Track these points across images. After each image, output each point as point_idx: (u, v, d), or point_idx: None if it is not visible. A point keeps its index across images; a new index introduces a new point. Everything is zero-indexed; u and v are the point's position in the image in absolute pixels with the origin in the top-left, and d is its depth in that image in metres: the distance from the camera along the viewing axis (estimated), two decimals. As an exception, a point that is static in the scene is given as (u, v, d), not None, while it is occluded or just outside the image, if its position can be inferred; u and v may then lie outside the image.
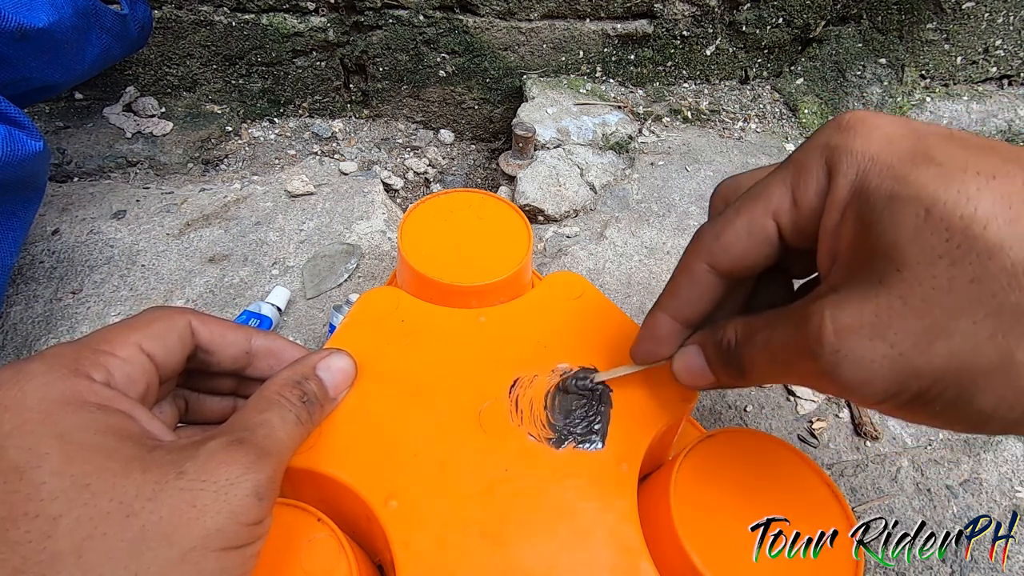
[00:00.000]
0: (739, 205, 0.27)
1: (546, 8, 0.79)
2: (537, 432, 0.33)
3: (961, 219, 0.19)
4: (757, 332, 0.26)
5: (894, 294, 0.20)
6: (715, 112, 0.90)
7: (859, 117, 0.24)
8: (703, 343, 0.29)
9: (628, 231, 0.69)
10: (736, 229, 0.26)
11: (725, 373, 0.28)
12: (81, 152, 0.73)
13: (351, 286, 0.60)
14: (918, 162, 0.21)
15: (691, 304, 0.29)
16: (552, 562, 0.28)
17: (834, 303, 0.22)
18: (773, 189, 0.25)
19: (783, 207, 0.25)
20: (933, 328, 0.20)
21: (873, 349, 0.21)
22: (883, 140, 0.22)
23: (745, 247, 0.26)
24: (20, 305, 0.55)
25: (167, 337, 0.28)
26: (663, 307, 0.30)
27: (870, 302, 0.21)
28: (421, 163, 0.86)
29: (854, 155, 0.23)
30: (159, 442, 0.23)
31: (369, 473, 0.30)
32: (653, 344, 0.31)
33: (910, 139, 0.22)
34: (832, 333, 0.21)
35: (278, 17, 0.77)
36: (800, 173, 0.25)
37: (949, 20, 0.86)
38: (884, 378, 0.21)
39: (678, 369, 0.31)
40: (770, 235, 0.26)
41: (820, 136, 0.24)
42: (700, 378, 0.30)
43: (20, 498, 0.20)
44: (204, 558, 0.21)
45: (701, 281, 0.28)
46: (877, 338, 0.20)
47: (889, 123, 0.23)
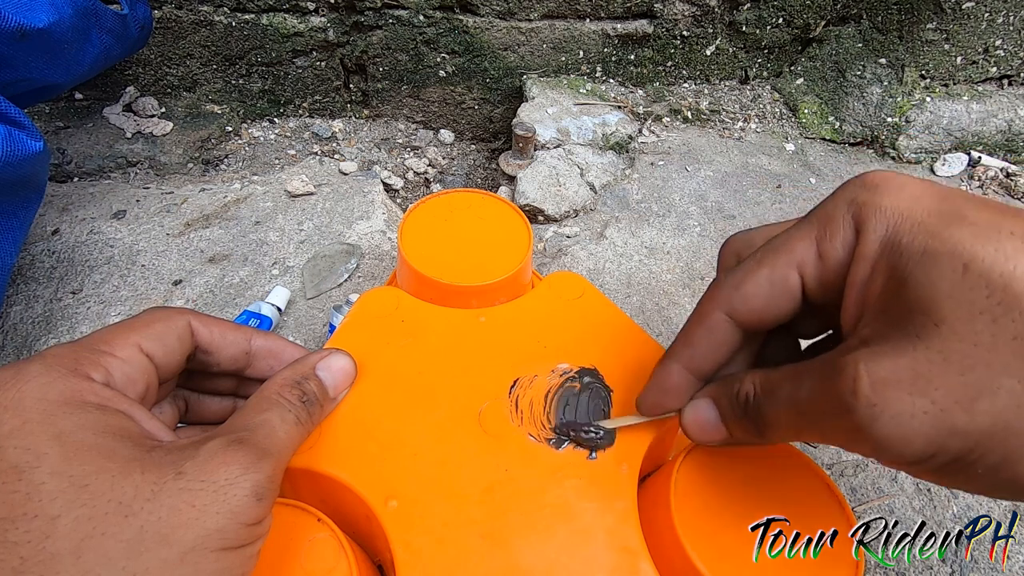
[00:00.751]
0: (761, 256, 0.26)
1: (546, 8, 0.79)
2: (537, 432, 0.33)
3: (1001, 276, 0.19)
4: (779, 385, 0.25)
5: (933, 348, 0.20)
6: (715, 112, 0.90)
7: (884, 176, 0.24)
8: (716, 396, 0.28)
9: (628, 231, 0.69)
10: (758, 280, 0.26)
11: (741, 428, 0.27)
12: (81, 152, 0.73)
13: (351, 286, 0.60)
14: (951, 220, 0.21)
15: (706, 355, 0.28)
16: (552, 562, 0.28)
17: (869, 356, 0.21)
18: (797, 242, 0.25)
19: (808, 260, 0.25)
20: (976, 385, 0.19)
21: (913, 404, 0.20)
22: (911, 198, 0.22)
23: (767, 298, 0.26)
24: (20, 305, 0.55)
25: (166, 337, 0.28)
26: (676, 357, 0.29)
27: (908, 356, 0.20)
28: (421, 163, 0.86)
29: (884, 211, 0.23)
30: (158, 442, 0.23)
31: (369, 473, 0.30)
32: (663, 396, 0.30)
33: (937, 198, 0.22)
34: (869, 386, 0.20)
35: (278, 17, 0.77)
36: (826, 226, 0.24)
37: (949, 20, 0.86)
38: (924, 435, 0.20)
39: (688, 423, 0.29)
40: (793, 288, 0.25)
41: (845, 192, 0.24)
42: (712, 433, 0.29)
43: (19, 498, 0.20)
44: (203, 558, 0.21)
45: (718, 331, 0.27)
46: (917, 394, 0.20)
47: (914, 182, 0.23)
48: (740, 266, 0.27)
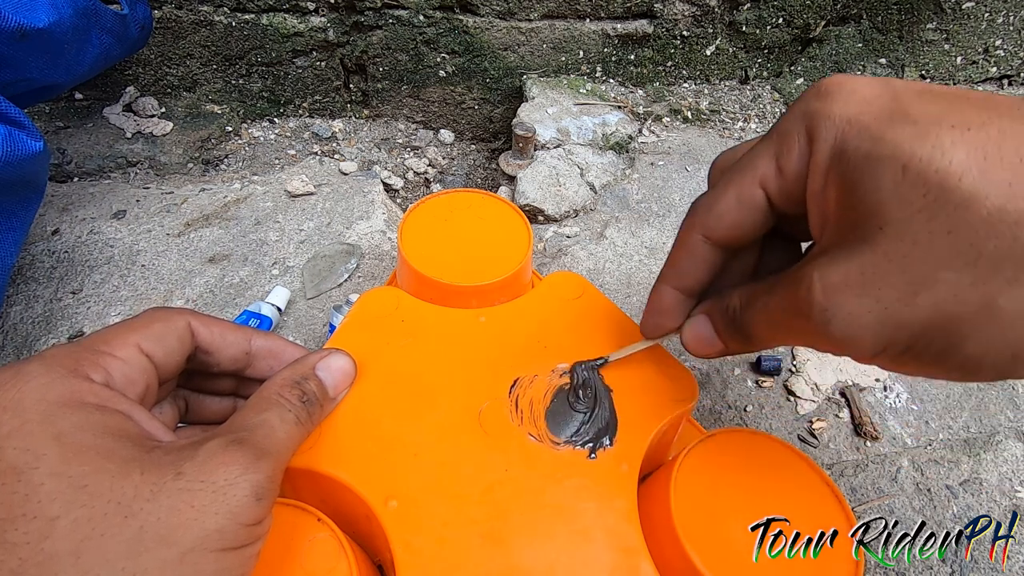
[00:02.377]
0: (729, 177, 0.27)
1: (546, 8, 0.79)
2: (537, 432, 0.33)
3: (936, 173, 0.20)
4: (757, 297, 0.27)
5: (878, 251, 0.21)
6: (715, 112, 0.90)
7: (837, 81, 0.24)
8: (710, 311, 0.30)
9: (628, 231, 0.69)
10: (727, 199, 0.27)
11: (732, 339, 0.29)
12: (81, 152, 0.73)
13: (351, 286, 0.60)
14: (894, 120, 0.21)
15: (690, 274, 0.30)
16: (552, 562, 0.28)
17: (823, 264, 0.22)
18: (759, 159, 0.26)
19: (769, 175, 0.26)
20: (916, 280, 0.20)
21: (860, 305, 0.21)
22: (860, 102, 0.23)
23: (736, 216, 0.27)
24: (20, 305, 0.55)
25: (166, 338, 0.28)
26: (665, 279, 0.31)
27: (855, 260, 0.21)
28: (421, 163, 0.86)
29: (832, 119, 0.23)
30: (158, 442, 0.23)
31: (369, 473, 0.30)
32: (660, 317, 0.32)
33: (886, 98, 0.22)
34: (820, 292, 0.22)
35: (278, 17, 0.77)
36: (783, 141, 0.25)
37: (949, 20, 0.86)
38: (873, 332, 0.21)
39: (687, 338, 0.31)
40: (759, 203, 0.27)
41: (800, 103, 0.25)
42: (709, 346, 0.30)
43: (18, 499, 0.20)
44: (203, 559, 0.21)
45: (697, 252, 0.29)
46: (864, 295, 0.21)
47: (866, 85, 0.23)
48: (712, 188, 0.28)
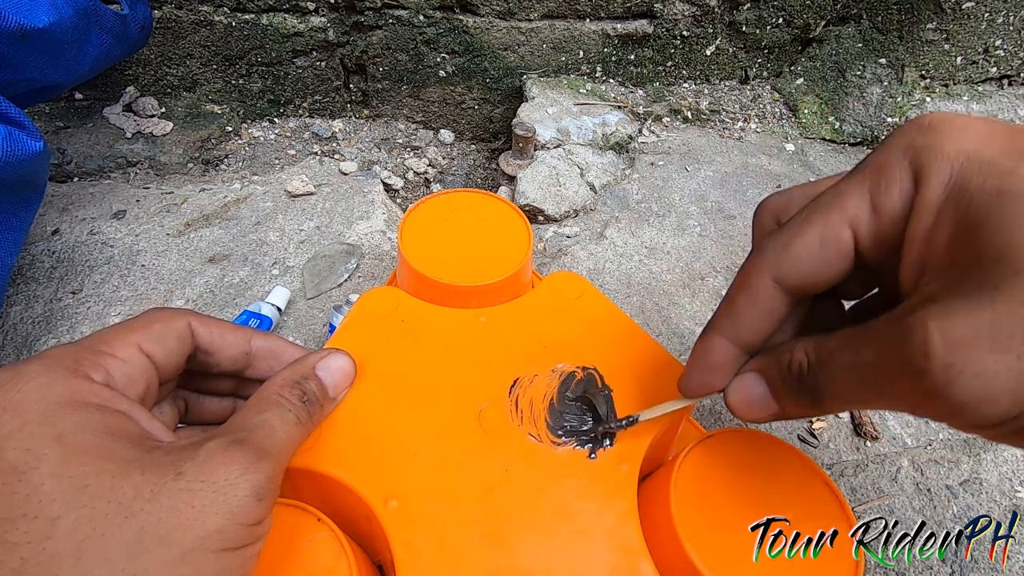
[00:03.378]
0: (808, 215, 0.24)
1: (546, 8, 0.79)
2: (537, 432, 0.33)
3: None
4: (836, 352, 0.23)
5: (1016, 299, 0.18)
6: (715, 112, 0.90)
7: (942, 117, 0.22)
8: (763, 369, 0.26)
9: (628, 231, 0.69)
10: (807, 240, 0.24)
11: (795, 402, 0.25)
12: (81, 152, 0.73)
13: (351, 286, 0.60)
14: None
15: (752, 325, 0.26)
16: (552, 562, 0.28)
17: (940, 314, 0.19)
18: (848, 197, 0.23)
19: (861, 215, 0.23)
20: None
21: (996, 362, 0.18)
22: (977, 136, 0.21)
23: (818, 260, 0.24)
24: (20, 305, 0.55)
25: (166, 338, 0.28)
26: (719, 329, 0.27)
27: (985, 310, 0.18)
28: (421, 163, 0.86)
29: (946, 154, 0.21)
30: (158, 443, 0.23)
31: (369, 473, 0.30)
32: (708, 373, 0.28)
33: (1005, 134, 0.20)
34: (943, 347, 0.19)
35: (278, 17, 0.77)
36: (881, 177, 0.22)
37: (949, 20, 0.86)
38: (1011, 392, 0.18)
39: (736, 401, 0.27)
40: (846, 246, 0.24)
41: (900, 138, 0.23)
42: (761, 410, 0.27)
43: (19, 499, 0.20)
44: (203, 559, 0.21)
45: (764, 298, 0.25)
46: (998, 350, 0.18)
47: (977, 121, 0.21)
48: (784, 227, 0.25)
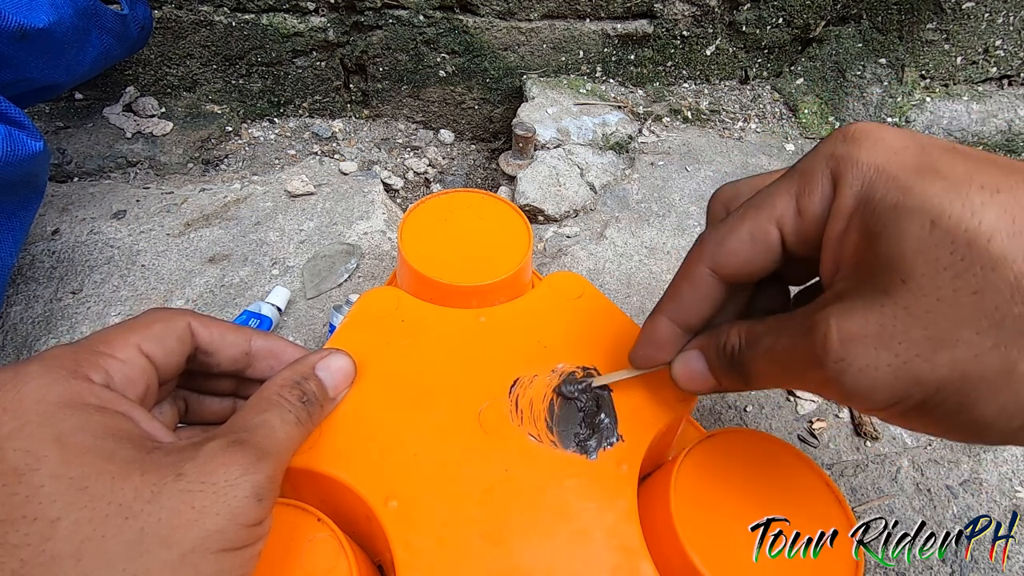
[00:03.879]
0: (743, 212, 0.27)
1: (546, 8, 0.79)
2: (537, 432, 0.33)
3: (966, 232, 0.19)
4: (761, 338, 0.26)
5: (899, 304, 0.21)
6: (715, 112, 0.90)
7: (864, 129, 0.24)
8: (704, 347, 0.30)
9: (628, 231, 0.69)
10: (740, 235, 0.27)
11: (727, 378, 0.28)
12: (81, 152, 0.73)
13: (351, 286, 0.60)
14: (923, 174, 0.21)
15: (692, 309, 0.29)
16: (552, 562, 0.28)
17: (839, 312, 0.22)
18: (778, 197, 0.26)
19: (787, 215, 0.25)
20: (937, 338, 0.20)
21: (878, 358, 0.21)
22: (888, 151, 0.23)
23: (748, 253, 0.27)
24: (20, 305, 0.55)
25: (166, 338, 0.28)
26: (664, 311, 0.30)
27: (875, 311, 0.21)
28: (421, 163, 0.86)
29: (860, 166, 0.23)
30: (158, 443, 0.23)
31: (369, 473, 0.30)
32: (653, 349, 0.31)
33: (914, 151, 0.22)
34: (838, 342, 0.22)
35: (278, 17, 0.77)
36: (805, 182, 0.25)
37: (949, 20, 0.86)
38: (888, 386, 0.21)
39: (678, 374, 0.31)
40: (773, 243, 0.26)
41: (825, 146, 0.25)
42: (701, 383, 0.30)
43: (18, 501, 0.20)
44: (203, 560, 0.21)
45: (703, 286, 0.28)
46: (882, 347, 0.21)
47: (894, 135, 0.23)
48: (723, 221, 0.28)
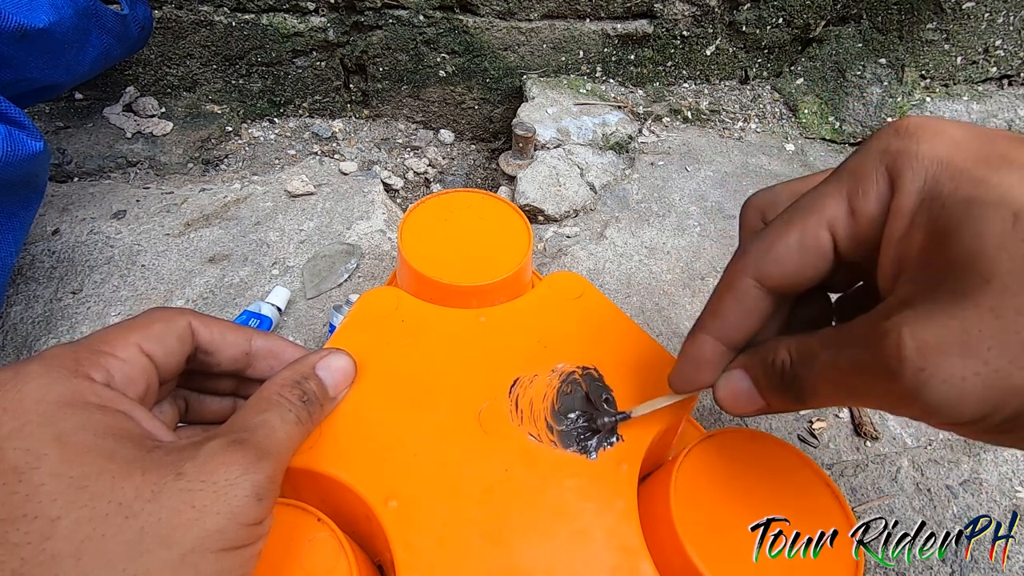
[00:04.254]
0: (789, 217, 0.25)
1: (546, 8, 0.79)
2: (537, 432, 0.33)
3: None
4: (818, 353, 0.24)
5: (983, 306, 0.19)
6: (715, 112, 0.90)
7: (919, 122, 0.22)
8: (749, 366, 0.27)
9: (628, 231, 0.69)
10: (788, 242, 0.25)
11: (779, 398, 0.26)
12: (81, 152, 0.73)
13: (351, 286, 0.60)
14: (996, 164, 0.20)
15: (738, 324, 0.27)
16: (552, 562, 0.28)
17: (913, 319, 0.20)
18: (827, 199, 0.24)
19: (839, 218, 0.24)
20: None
21: (964, 367, 0.19)
22: (950, 143, 0.21)
23: (798, 261, 0.25)
24: (20, 305, 0.55)
25: (167, 338, 0.28)
26: (706, 328, 0.28)
27: (956, 316, 0.19)
28: (421, 163, 0.86)
29: (920, 159, 0.21)
30: (159, 443, 0.23)
31: (369, 473, 0.30)
32: (696, 370, 0.29)
33: (978, 141, 0.21)
34: (915, 351, 0.19)
35: (278, 17, 0.77)
36: (858, 181, 0.23)
37: (949, 20, 0.86)
38: (979, 397, 0.19)
39: (723, 396, 0.28)
40: (825, 248, 0.24)
41: (878, 142, 0.23)
42: (748, 405, 0.28)
43: (19, 500, 0.20)
44: (203, 559, 0.21)
45: (748, 299, 0.26)
46: (968, 355, 0.19)
47: (953, 126, 0.22)
48: (767, 229, 0.26)
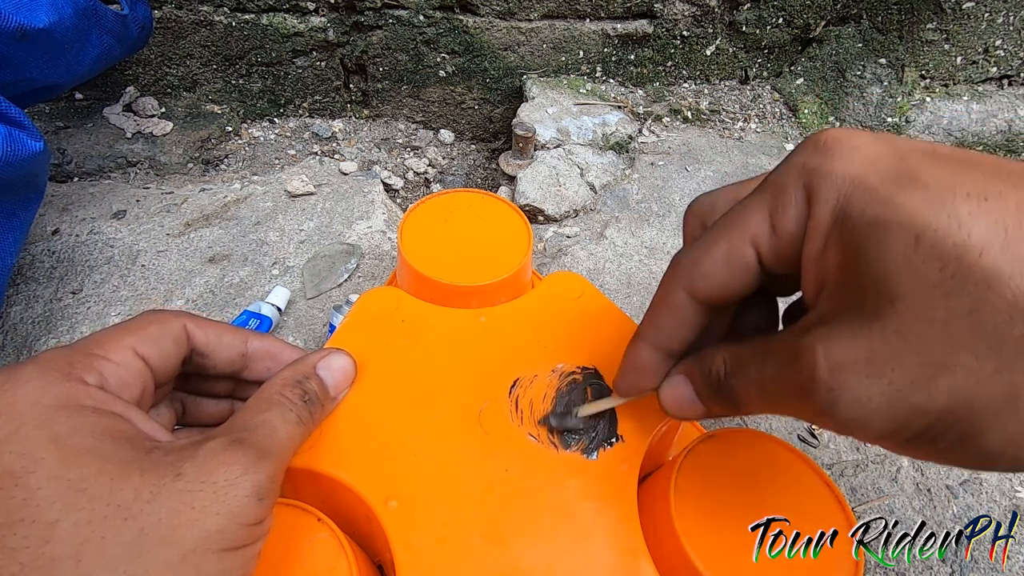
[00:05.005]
0: (716, 231, 0.25)
1: (546, 8, 0.79)
2: (537, 432, 0.33)
3: (954, 247, 0.18)
4: (747, 364, 0.24)
5: (888, 328, 0.19)
6: (715, 112, 0.90)
7: (836, 136, 0.22)
8: (690, 373, 0.28)
9: (628, 231, 0.69)
10: (714, 257, 0.25)
11: (716, 405, 0.27)
12: (81, 152, 0.73)
13: (351, 286, 0.60)
14: (903, 184, 0.20)
15: (673, 334, 0.28)
16: (552, 562, 0.28)
17: (825, 337, 0.21)
18: (750, 214, 0.24)
19: (762, 234, 0.24)
20: (933, 363, 0.18)
21: (870, 387, 0.19)
22: (863, 161, 0.21)
23: (725, 275, 0.25)
24: (20, 305, 0.55)
25: (162, 340, 0.27)
26: (644, 337, 0.29)
27: (863, 337, 0.20)
28: (421, 163, 0.86)
29: (834, 178, 0.21)
30: (157, 443, 0.23)
31: (369, 473, 0.30)
32: (636, 376, 0.30)
33: (891, 159, 0.21)
34: (826, 371, 0.20)
35: (278, 17, 0.77)
36: (778, 197, 0.23)
37: (949, 20, 0.86)
38: (884, 415, 0.20)
39: (666, 401, 0.29)
40: (750, 263, 0.25)
41: (797, 157, 0.23)
42: (690, 410, 0.28)
43: (16, 504, 0.20)
44: (204, 559, 0.21)
45: (681, 310, 0.27)
46: (874, 376, 0.19)
47: (869, 142, 0.21)
48: (698, 242, 0.26)
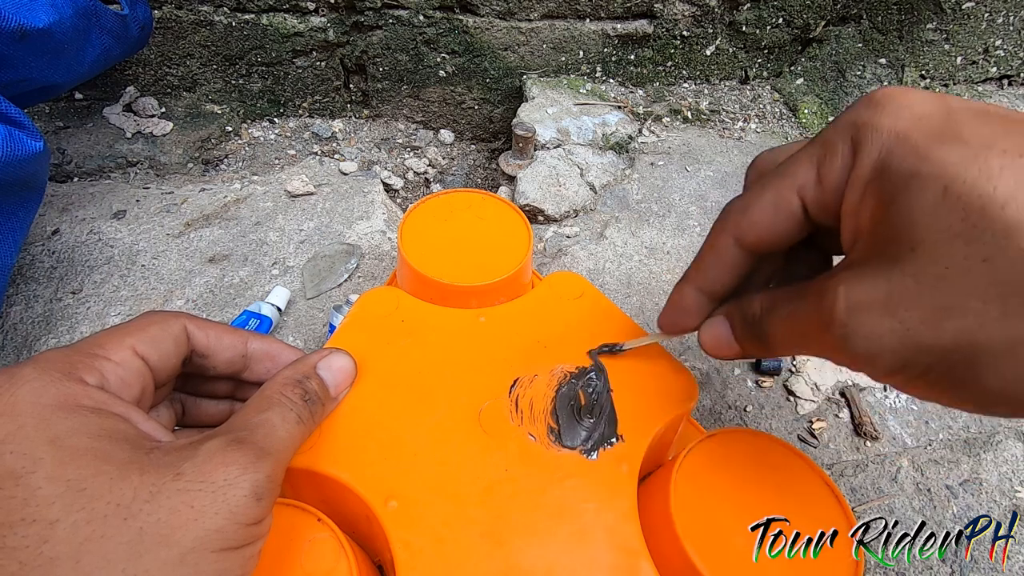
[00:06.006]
0: (766, 181, 0.27)
1: (546, 8, 0.79)
2: (537, 432, 0.33)
3: (980, 198, 0.19)
4: (780, 305, 0.26)
5: (907, 272, 0.20)
6: (715, 112, 0.90)
7: (890, 93, 0.23)
8: (730, 314, 0.30)
9: (628, 231, 0.69)
10: (762, 204, 0.27)
11: (750, 343, 0.29)
12: (81, 152, 0.73)
13: (351, 286, 0.60)
14: (944, 140, 0.21)
15: (716, 277, 0.30)
16: (552, 562, 0.28)
17: (849, 279, 0.22)
18: (800, 166, 0.25)
19: (808, 184, 0.25)
20: (943, 305, 0.20)
21: (882, 325, 0.21)
22: (911, 117, 0.22)
23: (770, 222, 0.26)
24: (20, 305, 0.55)
25: (162, 341, 0.27)
26: (689, 279, 0.31)
27: (882, 279, 0.21)
28: (421, 163, 0.86)
29: (880, 132, 0.22)
30: (156, 443, 0.23)
31: (369, 473, 0.30)
32: (679, 315, 0.31)
33: (940, 116, 0.21)
34: (844, 309, 0.22)
35: (278, 17, 0.77)
36: (826, 149, 0.25)
37: (949, 20, 0.86)
38: (893, 352, 0.21)
39: (705, 339, 0.31)
40: (795, 211, 0.26)
41: (850, 112, 0.24)
42: (726, 348, 0.30)
43: (16, 504, 0.20)
44: (203, 559, 0.21)
45: (726, 255, 0.28)
46: (887, 315, 0.21)
47: (921, 100, 0.22)
48: (749, 190, 0.28)
